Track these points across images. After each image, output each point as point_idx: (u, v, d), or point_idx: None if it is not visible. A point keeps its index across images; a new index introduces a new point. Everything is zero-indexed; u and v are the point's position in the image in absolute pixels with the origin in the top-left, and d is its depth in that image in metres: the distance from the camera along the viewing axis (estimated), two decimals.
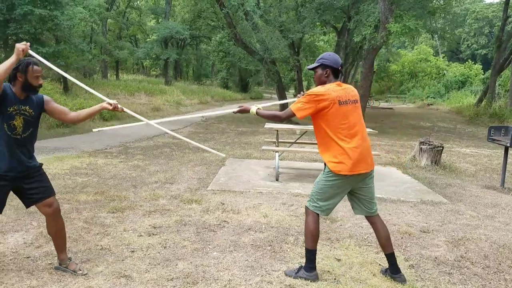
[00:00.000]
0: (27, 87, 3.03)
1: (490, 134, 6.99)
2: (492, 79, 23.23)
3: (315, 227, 3.27)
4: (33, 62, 3.04)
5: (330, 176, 3.20)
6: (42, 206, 3.20)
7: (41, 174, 3.23)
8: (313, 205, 3.29)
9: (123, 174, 6.81)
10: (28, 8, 10.95)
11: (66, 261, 3.33)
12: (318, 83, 3.30)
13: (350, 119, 3.16)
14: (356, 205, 3.38)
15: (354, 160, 3.12)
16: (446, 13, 18.67)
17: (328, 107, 3.11)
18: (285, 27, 17.51)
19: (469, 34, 51.32)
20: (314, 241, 3.29)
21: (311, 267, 3.29)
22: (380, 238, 3.35)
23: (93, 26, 25.55)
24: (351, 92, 3.24)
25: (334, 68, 3.24)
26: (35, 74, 3.02)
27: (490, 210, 5.57)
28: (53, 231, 3.30)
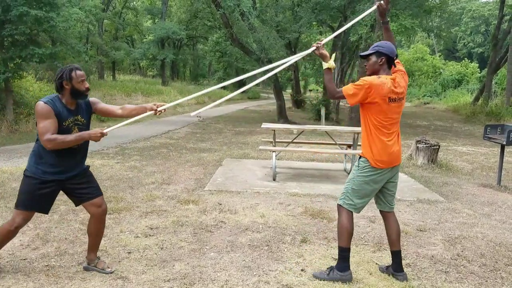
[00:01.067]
0: (75, 93, 3.07)
1: (486, 133, 7.01)
2: (489, 77, 23.32)
3: (351, 224, 3.24)
4: (75, 67, 3.08)
5: (367, 171, 3.19)
6: (90, 205, 3.26)
7: (89, 174, 3.33)
8: (348, 203, 3.25)
9: (120, 175, 6.80)
10: (24, 9, 10.89)
11: (94, 261, 3.36)
12: (370, 71, 3.21)
13: (394, 116, 3.15)
14: (380, 201, 3.39)
15: (392, 155, 3.16)
16: (442, 11, 18.73)
17: (377, 101, 3.07)
18: (281, 27, 17.53)
19: (465, 33, 51.46)
20: (349, 239, 3.26)
21: (346, 266, 3.27)
22: (391, 234, 3.35)
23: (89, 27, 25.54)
24: (400, 88, 3.15)
25: (390, 57, 3.16)
26: (80, 78, 3.05)
27: (487, 208, 5.58)
28: (95, 231, 3.35)
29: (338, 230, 3.31)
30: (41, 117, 2.96)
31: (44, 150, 3.04)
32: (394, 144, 3.19)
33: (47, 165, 3.06)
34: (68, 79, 3.02)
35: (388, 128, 3.15)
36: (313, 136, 11.88)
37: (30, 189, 3.07)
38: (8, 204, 5.01)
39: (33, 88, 14.55)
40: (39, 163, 3.07)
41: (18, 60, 12.05)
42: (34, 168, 3.07)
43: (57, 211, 4.80)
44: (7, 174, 6.51)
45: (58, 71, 3.12)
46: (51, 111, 2.97)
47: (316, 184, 6.53)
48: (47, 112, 2.96)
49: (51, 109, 2.97)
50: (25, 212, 3.11)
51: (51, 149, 2.99)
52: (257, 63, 17.76)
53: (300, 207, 5.24)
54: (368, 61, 3.24)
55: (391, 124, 3.16)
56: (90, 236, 3.36)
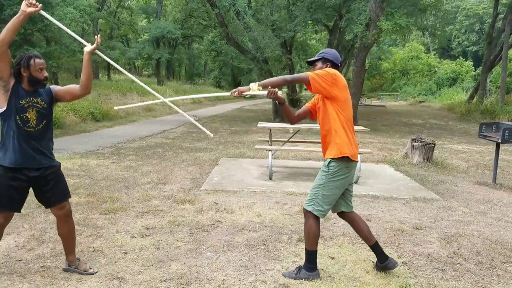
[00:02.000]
0: (33, 81, 2.99)
1: (481, 131, 7.03)
2: (483, 75, 23.42)
3: (318, 228, 3.25)
4: (35, 55, 2.99)
5: (339, 175, 3.18)
6: (54, 209, 3.22)
7: (58, 175, 3.22)
8: (317, 209, 3.21)
9: (116, 175, 6.77)
10: (18, 8, 10.86)
11: (75, 262, 3.33)
12: None
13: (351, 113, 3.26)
14: (343, 202, 3.36)
15: (356, 147, 3.23)
16: (437, 10, 18.76)
17: (342, 92, 3.14)
18: (277, 26, 17.52)
19: (460, 31, 51.62)
20: (316, 242, 3.28)
21: (313, 267, 3.28)
22: (361, 232, 3.36)
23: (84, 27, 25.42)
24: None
25: (334, 64, 3.27)
26: (38, 67, 2.98)
27: (482, 206, 5.60)
28: (65, 233, 3.31)
29: (305, 234, 3.28)
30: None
31: (5, 136, 2.97)
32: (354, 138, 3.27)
33: (11, 152, 2.97)
34: (26, 66, 2.95)
35: (350, 123, 3.23)
36: (309, 135, 11.88)
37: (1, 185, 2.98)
38: None
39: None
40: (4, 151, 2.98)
41: (12, 59, 11.99)
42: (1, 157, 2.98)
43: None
44: None
45: (17, 57, 3.04)
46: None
47: (312, 183, 6.52)
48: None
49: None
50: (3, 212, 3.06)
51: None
52: (253, 62, 17.78)
53: (297, 206, 5.23)
54: (314, 67, 3.33)
55: (351, 117, 3.25)
56: (62, 238, 3.33)
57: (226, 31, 16.77)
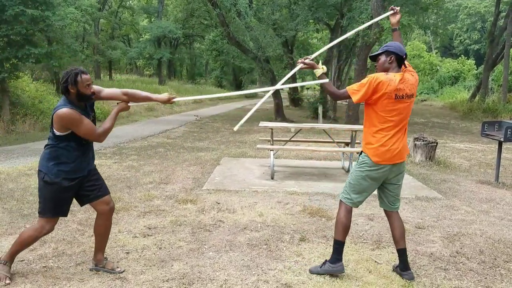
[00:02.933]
0: (81, 97, 3.03)
1: (483, 129, 7.01)
2: (485, 74, 23.34)
3: (347, 218, 3.27)
4: (81, 71, 3.02)
5: (364, 166, 3.19)
6: (99, 203, 3.25)
7: (97, 173, 3.33)
8: (345, 197, 3.29)
9: (118, 175, 6.77)
10: (20, 8, 10.85)
11: (102, 261, 3.35)
12: (381, 70, 3.23)
13: (400, 114, 3.14)
14: (381, 199, 3.40)
15: (391, 151, 3.14)
16: (439, 9, 18.74)
17: (383, 97, 3.08)
18: (278, 25, 17.50)
19: (461, 30, 51.49)
20: (345, 233, 3.29)
21: (338, 259, 3.29)
22: (395, 233, 3.36)
23: (85, 27, 25.44)
24: (409, 86, 3.15)
25: (399, 56, 3.18)
26: (86, 83, 3.01)
27: (485, 205, 5.59)
28: (102, 230, 3.34)
29: (335, 223, 3.34)
30: (77, 121, 2.97)
31: (61, 150, 3.04)
32: (397, 141, 3.16)
33: (66, 165, 3.06)
34: (73, 83, 2.96)
35: (392, 125, 3.14)
36: (310, 135, 11.88)
37: (56, 195, 3.07)
38: (5, 205, 4.99)
39: (30, 88, 14.50)
40: (60, 165, 3.05)
41: (14, 60, 12.01)
42: (55, 171, 3.04)
43: None
44: (3, 175, 6.48)
45: (63, 73, 3.05)
46: (79, 113, 2.99)
47: (314, 183, 6.52)
48: (78, 114, 2.97)
49: (78, 112, 2.99)
50: (54, 219, 3.16)
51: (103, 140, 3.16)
52: (254, 61, 17.76)
53: (299, 206, 5.23)
54: (377, 62, 3.27)
55: (396, 121, 3.14)
56: (98, 235, 3.34)
57: (228, 31, 16.76)
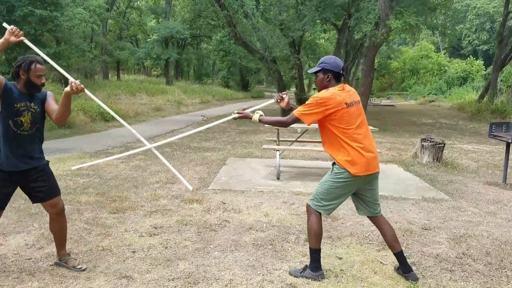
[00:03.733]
0: (30, 85, 3.02)
1: (491, 130, 6.96)
2: (494, 75, 23.16)
3: (318, 226, 3.26)
4: (37, 60, 3.02)
5: (339, 176, 3.16)
6: (47, 205, 3.24)
7: (47, 173, 3.24)
8: (316, 204, 3.26)
9: (124, 174, 6.81)
10: (28, 9, 10.96)
11: (65, 257, 3.39)
12: (320, 87, 3.26)
13: (357, 120, 3.16)
14: (360, 206, 3.37)
15: (367, 160, 3.12)
16: (447, 9, 18.59)
17: (336, 111, 3.08)
18: (285, 25, 17.48)
19: (470, 30, 51.12)
20: (318, 240, 3.27)
21: (317, 267, 3.27)
22: (386, 238, 3.33)
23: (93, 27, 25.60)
24: (353, 94, 3.23)
25: (336, 72, 3.21)
26: (38, 73, 3.01)
27: (492, 206, 5.55)
28: (56, 229, 3.37)
29: (307, 231, 3.33)
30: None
31: None
32: (368, 148, 3.15)
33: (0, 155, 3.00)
34: (25, 70, 2.97)
35: (355, 133, 3.13)
36: (317, 135, 11.85)
37: None
38: (13, 204, 5.03)
39: None
40: None
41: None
42: None
43: None
44: None
45: (19, 58, 3.06)
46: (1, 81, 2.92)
47: None
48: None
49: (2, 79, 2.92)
50: None
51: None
52: (261, 61, 17.77)
53: (304, 206, 5.20)
54: (317, 78, 3.30)
55: (357, 127, 3.14)
56: (53, 233, 3.41)
57: (235, 31, 16.79)
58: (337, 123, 3.12)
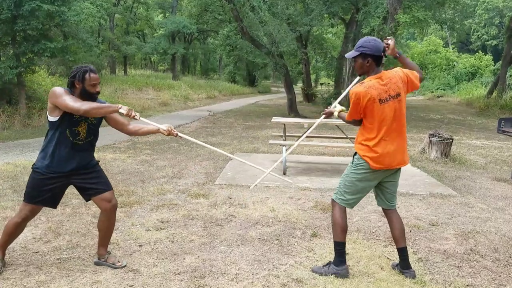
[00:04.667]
0: (85, 94, 3.04)
1: (500, 126, 6.90)
2: (503, 70, 22.92)
3: (343, 219, 3.23)
4: (90, 69, 3.04)
5: (359, 168, 3.14)
6: (100, 200, 3.24)
7: (98, 170, 3.30)
8: (339, 197, 3.25)
9: (131, 169, 6.83)
10: (36, 4, 10.98)
11: (105, 255, 3.37)
12: (360, 72, 3.16)
13: (390, 117, 3.06)
14: (378, 197, 3.35)
15: (388, 155, 3.07)
16: (456, 3, 18.40)
17: (369, 105, 3.02)
18: (292, 19, 17.42)
19: (479, 25, 50.55)
20: (343, 233, 3.23)
21: (342, 261, 3.23)
22: (394, 232, 3.30)
23: (100, 22, 25.63)
24: (393, 86, 3.07)
25: (376, 56, 3.05)
26: (92, 82, 3.02)
27: (500, 202, 5.50)
28: (105, 226, 3.34)
29: (332, 224, 3.31)
30: (62, 95, 2.95)
31: (50, 144, 3.06)
32: (392, 144, 3.09)
33: (51, 159, 3.06)
34: (80, 80, 3.01)
35: (384, 129, 3.06)
36: (324, 130, 11.81)
37: (36, 183, 3.09)
38: (21, 197, 5.04)
39: (46, 83, 14.69)
40: (45, 158, 3.08)
41: (30, 54, 12.17)
42: (40, 162, 3.09)
43: (69, 205, 4.84)
44: (19, 168, 6.58)
45: (73, 68, 3.09)
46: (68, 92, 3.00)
47: (327, 178, 6.49)
48: (65, 91, 2.99)
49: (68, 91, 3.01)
50: (31, 205, 3.14)
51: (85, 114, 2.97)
52: (268, 56, 17.71)
53: (311, 201, 5.21)
54: (355, 63, 3.18)
55: (387, 124, 3.06)
56: (100, 231, 3.36)
57: (241, 26, 16.73)
58: (368, 115, 3.07)
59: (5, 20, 11.27)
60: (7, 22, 11.36)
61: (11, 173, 6.30)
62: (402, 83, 3.12)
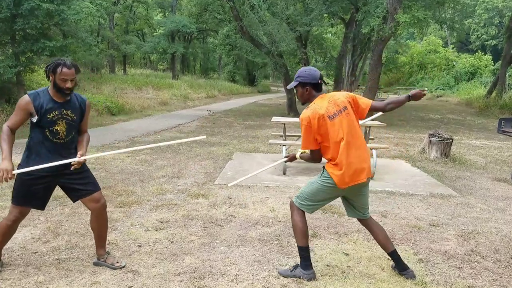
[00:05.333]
0: (56, 87, 2.99)
1: (500, 126, 6.88)
2: (502, 70, 22.91)
3: (303, 223, 3.20)
4: (64, 63, 2.95)
5: (326, 181, 3.10)
6: (88, 201, 3.21)
7: (86, 170, 3.24)
8: (300, 202, 3.20)
9: (131, 168, 6.81)
10: (35, 2, 10.95)
11: (104, 256, 3.34)
12: (302, 100, 3.23)
13: (342, 131, 3.04)
14: (348, 209, 3.31)
15: (351, 172, 3.02)
16: (455, 3, 18.38)
17: (322, 125, 3.02)
18: (292, 19, 17.37)
19: (478, 25, 50.56)
20: (305, 237, 3.20)
21: (307, 265, 3.20)
22: (378, 240, 3.27)
23: (100, 21, 25.58)
24: (337, 101, 3.11)
25: (313, 84, 3.14)
26: (62, 76, 2.93)
27: (501, 203, 5.49)
28: (98, 226, 3.31)
29: (293, 229, 3.26)
30: (16, 108, 3.00)
31: (32, 143, 3.04)
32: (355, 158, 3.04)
33: (35, 159, 3.02)
34: (51, 71, 2.96)
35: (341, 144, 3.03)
36: None
37: (22, 184, 3.05)
38: None
39: (45, 82, 14.64)
40: (29, 158, 3.05)
41: (30, 53, 12.14)
42: (25, 163, 3.05)
43: (68, 205, 4.82)
44: None
45: (52, 59, 3.06)
46: (27, 104, 2.95)
47: None
48: (22, 104, 2.97)
49: (29, 102, 2.95)
50: (19, 207, 3.10)
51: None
52: (267, 56, 17.68)
53: None
54: (297, 92, 3.25)
55: (341, 138, 3.03)
56: (94, 231, 3.34)
57: (241, 25, 16.69)
58: (323, 135, 3.05)
59: (4, 19, 11.24)
60: (6, 21, 11.33)
61: None
62: (347, 100, 3.16)
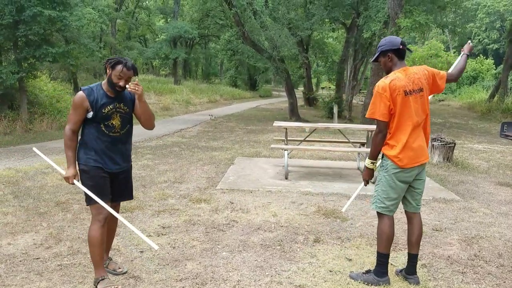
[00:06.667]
0: (110, 82, 3.03)
1: (503, 130, 6.88)
2: (504, 74, 22.91)
3: (390, 229, 3.15)
4: (126, 63, 3.01)
5: (391, 169, 3.07)
6: (114, 206, 3.20)
7: (130, 176, 3.32)
8: (380, 206, 3.16)
9: (133, 173, 6.76)
10: (37, 9, 11.01)
11: (106, 261, 3.33)
12: (386, 70, 3.18)
13: (414, 110, 3.03)
14: (406, 201, 3.26)
15: (414, 152, 3.04)
16: (457, 7, 18.43)
17: (396, 97, 2.99)
18: (293, 24, 17.44)
19: (480, 29, 50.59)
20: (387, 244, 3.16)
21: (383, 272, 3.17)
22: (412, 237, 3.25)
23: (102, 27, 25.72)
24: (416, 80, 3.06)
25: (395, 50, 3.09)
26: (119, 73, 2.98)
27: (504, 207, 5.46)
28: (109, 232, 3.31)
29: (377, 235, 3.21)
30: (72, 106, 3.02)
31: (88, 139, 3.05)
32: (417, 139, 3.06)
33: (93, 153, 3.04)
34: (111, 66, 3.01)
35: (409, 123, 3.02)
36: (325, 134, 11.80)
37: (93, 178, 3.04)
38: (22, 203, 5.05)
39: (47, 88, 14.71)
40: (86, 149, 3.06)
41: (32, 59, 12.19)
42: (84, 157, 3.05)
43: (70, 210, 4.82)
44: (21, 173, 6.57)
45: (115, 57, 3.12)
46: (82, 101, 2.97)
47: (329, 183, 6.46)
48: (77, 101, 2.99)
49: (84, 98, 2.98)
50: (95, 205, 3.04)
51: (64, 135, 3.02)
52: (269, 61, 17.73)
53: (313, 206, 5.18)
54: (381, 63, 3.22)
55: (411, 118, 3.02)
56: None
57: (243, 30, 16.76)
58: (396, 110, 3.01)
59: (7, 25, 11.29)
60: (9, 27, 11.38)
61: (12, 178, 6.29)
62: (426, 81, 3.13)
